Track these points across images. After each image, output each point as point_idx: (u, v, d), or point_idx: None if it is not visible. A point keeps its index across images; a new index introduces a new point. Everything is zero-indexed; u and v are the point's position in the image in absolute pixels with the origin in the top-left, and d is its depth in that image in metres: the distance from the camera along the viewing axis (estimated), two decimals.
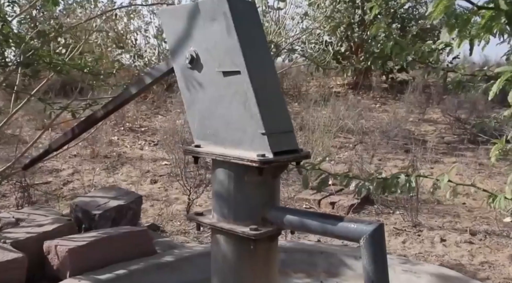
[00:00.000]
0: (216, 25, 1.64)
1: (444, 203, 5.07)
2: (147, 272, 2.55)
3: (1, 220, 2.94)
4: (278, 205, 1.69)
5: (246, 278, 1.67)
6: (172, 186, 5.48)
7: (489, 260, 3.75)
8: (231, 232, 1.62)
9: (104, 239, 2.60)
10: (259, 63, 1.65)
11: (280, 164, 1.61)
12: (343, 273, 2.78)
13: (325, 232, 1.53)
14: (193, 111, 1.79)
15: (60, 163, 6.20)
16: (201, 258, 2.71)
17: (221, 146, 1.68)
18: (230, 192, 1.64)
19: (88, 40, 6.84)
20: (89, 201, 3.24)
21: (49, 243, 2.55)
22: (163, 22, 1.89)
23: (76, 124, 2.36)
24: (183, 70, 1.78)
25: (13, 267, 2.37)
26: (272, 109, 1.62)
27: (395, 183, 1.57)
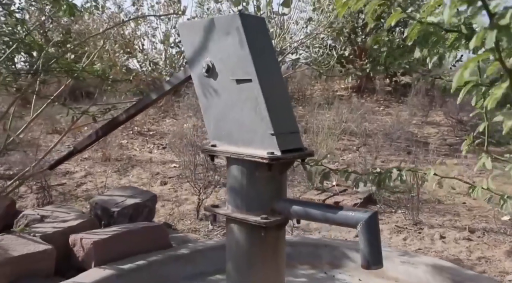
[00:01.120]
0: (230, 38, 1.88)
1: (445, 203, 5.28)
2: (164, 263, 2.79)
3: (27, 216, 3.19)
4: (285, 197, 1.93)
5: (257, 262, 1.90)
6: (182, 187, 5.72)
7: (486, 255, 3.96)
8: (244, 221, 1.86)
9: (125, 233, 2.84)
10: (268, 71, 1.88)
11: (287, 161, 1.85)
12: (345, 264, 3.01)
13: (327, 220, 1.76)
14: (209, 115, 2.02)
15: (72, 166, 6.46)
16: (213, 251, 2.95)
17: (235, 145, 1.91)
18: (243, 186, 1.88)
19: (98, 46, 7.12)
20: (107, 199, 3.49)
21: (74, 236, 2.80)
22: (182, 35, 2.13)
23: (100, 127, 2.61)
24: (200, 78, 2.02)
25: (43, 258, 2.61)
26: (280, 112, 1.86)
27: (388, 176, 1.81)
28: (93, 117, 3.18)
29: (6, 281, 2.43)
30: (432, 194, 5.38)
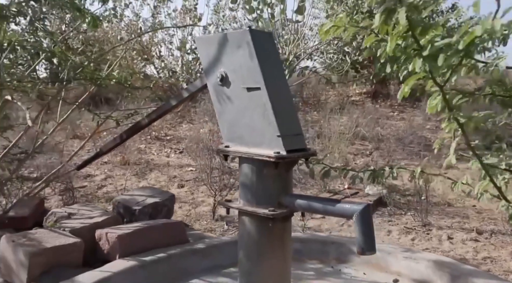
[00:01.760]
0: (241, 51, 2.15)
1: (454, 206, 5.47)
2: (182, 256, 3.07)
3: (56, 214, 3.50)
4: (291, 192, 2.18)
5: (266, 250, 2.16)
6: (198, 190, 6.01)
7: (492, 255, 4.14)
8: (254, 213, 2.12)
9: (146, 229, 3.13)
10: (275, 81, 2.15)
11: (292, 160, 2.11)
12: (351, 260, 3.25)
13: (326, 211, 2.01)
14: (223, 119, 2.30)
15: (93, 169, 6.80)
16: (228, 246, 3.21)
17: (246, 146, 2.18)
18: (253, 182, 2.14)
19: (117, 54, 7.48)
20: (129, 198, 3.78)
21: (100, 231, 3.09)
22: (199, 48, 2.41)
23: (124, 131, 2.90)
24: (215, 86, 2.30)
25: (73, 250, 2.91)
26: (286, 117, 2.12)
27: (381, 173, 2.05)
28: (116, 122, 3.48)
29: (41, 270, 2.73)
30: (442, 197, 5.56)
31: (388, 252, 3.21)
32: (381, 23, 1.29)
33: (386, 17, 1.27)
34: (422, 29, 1.30)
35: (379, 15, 1.30)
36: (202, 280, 2.94)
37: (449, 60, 1.22)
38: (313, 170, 2.17)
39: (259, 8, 8.30)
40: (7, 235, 2.93)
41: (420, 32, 1.32)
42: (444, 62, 1.21)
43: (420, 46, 1.17)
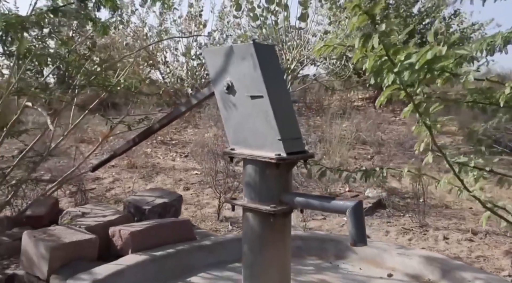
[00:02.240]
0: (246, 62, 2.40)
1: (452, 208, 5.69)
2: (190, 252, 3.30)
3: (71, 213, 3.75)
4: (290, 190, 2.42)
5: (268, 243, 2.40)
6: (203, 192, 6.25)
7: (485, 254, 4.36)
8: (257, 210, 2.36)
9: (156, 226, 3.37)
10: (276, 89, 2.39)
11: (291, 161, 2.34)
12: (348, 256, 3.48)
13: (323, 208, 2.25)
14: (229, 124, 2.54)
15: (101, 173, 7.05)
16: (232, 243, 3.45)
17: (249, 149, 2.42)
18: (256, 181, 2.38)
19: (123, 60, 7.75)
20: (139, 199, 4.03)
21: (113, 228, 3.34)
22: (206, 59, 2.66)
23: (137, 135, 3.14)
24: (221, 94, 2.54)
25: (88, 245, 3.15)
26: (286, 122, 2.36)
27: (372, 173, 2.28)
28: (128, 126, 3.73)
29: (60, 263, 2.97)
30: (439, 200, 5.78)
31: (384, 249, 3.44)
32: (360, 46, 1.53)
33: (363, 41, 1.51)
34: (395, 51, 1.53)
35: (358, 40, 1.54)
36: (208, 274, 3.18)
37: (412, 76, 1.45)
38: (311, 170, 2.41)
39: (263, 15, 8.57)
40: (28, 231, 3.18)
41: (393, 52, 1.55)
42: (409, 77, 1.44)
43: (393, 64, 1.41)
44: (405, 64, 1.46)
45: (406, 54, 1.46)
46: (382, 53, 1.50)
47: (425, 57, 1.44)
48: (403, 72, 1.45)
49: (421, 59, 1.44)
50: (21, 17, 3.42)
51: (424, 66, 1.44)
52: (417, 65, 1.44)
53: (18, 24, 3.25)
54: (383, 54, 1.50)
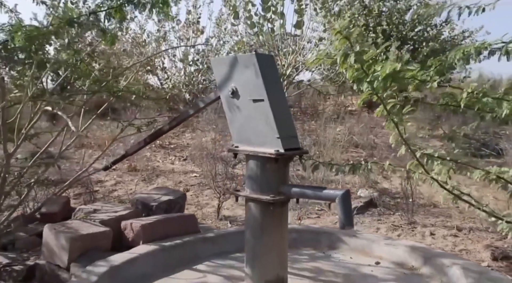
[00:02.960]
0: (249, 70, 2.78)
1: (439, 206, 6.09)
2: (195, 243, 3.68)
3: (83, 210, 4.11)
4: (288, 182, 2.80)
5: (267, 229, 2.77)
6: (203, 194, 6.62)
7: (468, 248, 4.75)
8: (258, 199, 2.74)
9: (164, 220, 3.75)
10: (275, 94, 2.78)
11: (288, 156, 2.73)
12: (340, 247, 3.86)
13: (316, 196, 2.63)
14: (233, 125, 2.93)
15: (103, 176, 7.41)
16: (234, 236, 3.82)
17: (251, 146, 2.81)
18: (257, 174, 2.77)
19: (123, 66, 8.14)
20: (146, 196, 4.41)
21: (125, 222, 3.71)
22: (213, 67, 3.05)
23: (148, 136, 3.52)
24: (227, 98, 2.93)
25: (103, 237, 3.52)
26: (284, 122, 2.74)
27: (359, 167, 2.66)
28: (138, 128, 4.11)
29: (79, 252, 3.33)
30: (428, 199, 6.18)
31: (372, 240, 3.83)
32: (341, 62, 1.92)
33: (343, 58, 1.90)
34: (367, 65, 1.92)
35: (339, 57, 1.93)
36: (212, 263, 3.55)
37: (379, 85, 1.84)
38: (305, 164, 2.80)
39: (259, 23, 8.99)
40: (49, 224, 3.54)
41: (367, 66, 1.94)
42: (377, 85, 1.83)
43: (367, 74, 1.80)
44: (375, 75, 1.84)
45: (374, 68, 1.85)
46: (358, 66, 1.89)
47: (385, 71, 1.83)
48: (374, 82, 1.84)
49: (382, 72, 1.83)
50: (41, 29, 3.80)
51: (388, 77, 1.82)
52: (380, 77, 1.83)
53: (40, 36, 3.63)
54: (359, 67, 1.89)
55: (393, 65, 1.86)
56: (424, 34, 11.03)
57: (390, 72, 1.83)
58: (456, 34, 11.34)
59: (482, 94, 2.11)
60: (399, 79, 1.89)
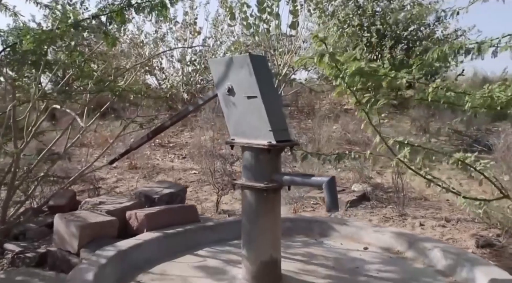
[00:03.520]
0: (243, 70, 3.11)
1: (430, 200, 6.42)
2: (195, 231, 4.00)
3: (89, 202, 4.44)
4: (280, 171, 3.13)
5: (262, 213, 3.10)
6: (202, 190, 6.95)
7: (455, 237, 5.07)
8: (253, 187, 3.07)
9: (167, 210, 4.08)
10: (267, 91, 3.10)
11: (280, 147, 3.06)
12: (331, 234, 4.19)
13: (304, 183, 2.96)
14: (230, 120, 3.25)
15: (104, 174, 7.73)
16: (232, 224, 4.15)
17: (247, 138, 3.13)
18: (252, 164, 3.09)
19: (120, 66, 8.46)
20: (148, 189, 4.74)
21: (130, 212, 4.04)
22: (211, 67, 3.37)
23: (150, 131, 3.84)
24: (223, 95, 3.25)
25: (110, 226, 3.84)
26: (275, 117, 3.07)
27: (343, 156, 2.99)
28: (140, 125, 4.44)
29: (88, 239, 3.65)
30: (419, 192, 6.52)
31: (361, 228, 4.16)
32: (317, 62, 2.25)
33: (320, 58, 2.23)
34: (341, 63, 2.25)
35: (316, 57, 2.25)
36: (212, 249, 3.87)
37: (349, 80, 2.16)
38: (295, 154, 3.13)
39: (255, 24, 9.32)
40: (59, 214, 3.87)
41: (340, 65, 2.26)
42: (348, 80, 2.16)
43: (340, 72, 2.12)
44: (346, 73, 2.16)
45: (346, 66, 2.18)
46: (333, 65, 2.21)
47: (351, 70, 2.15)
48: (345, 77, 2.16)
49: (349, 70, 2.15)
50: (49, 33, 4.12)
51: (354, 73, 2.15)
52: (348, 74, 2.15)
53: (48, 39, 3.95)
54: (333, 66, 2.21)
55: (357, 63, 2.19)
56: (417, 33, 11.37)
57: (356, 70, 2.15)
58: (449, 33, 11.68)
59: (446, 89, 2.44)
60: (367, 75, 2.21)
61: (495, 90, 2.53)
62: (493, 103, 2.54)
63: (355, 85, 2.26)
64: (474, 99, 2.50)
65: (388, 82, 2.40)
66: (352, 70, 2.17)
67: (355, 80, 2.20)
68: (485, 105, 2.54)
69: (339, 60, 2.24)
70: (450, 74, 12.74)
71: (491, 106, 2.58)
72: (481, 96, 2.47)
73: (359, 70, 2.17)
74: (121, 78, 5.62)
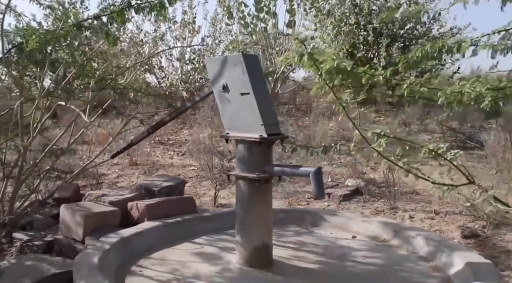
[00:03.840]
0: (237, 68, 3.38)
1: (421, 194, 6.69)
2: (193, 221, 4.28)
3: (92, 194, 4.71)
4: (271, 163, 3.40)
5: (254, 202, 3.37)
6: (201, 185, 7.22)
7: (442, 229, 5.34)
8: (246, 177, 3.34)
9: (166, 201, 4.35)
10: (259, 88, 3.37)
11: (271, 140, 3.33)
12: (322, 224, 4.46)
13: (293, 173, 3.23)
14: (225, 115, 3.52)
15: (105, 170, 8.01)
16: (228, 215, 4.41)
17: (240, 132, 3.40)
18: (245, 156, 3.36)
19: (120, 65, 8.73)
20: (149, 183, 5.01)
21: (131, 203, 4.31)
22: (207, 65, 3.64)
23: (150, 127, 4.11)
24: (219, 92, 3.52)
25: (113, 215, 4.12)
26: (267, 112, 3.34)
27: (329, 148, 3.25)
28: (141, 121, 4.71)
29: (92, 228, 3.93)
30: (410, 187, 6.79)
31: (350, 218, 4.44)
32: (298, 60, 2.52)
33: (300, 58, 2.50)
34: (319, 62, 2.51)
35: (297, 57, 2.52)
36: (209, 237, 4.14)
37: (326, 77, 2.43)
38: (285, 147, 3.40)
39: (253, 23, 9.59)
40: (65, 204, 4.14)
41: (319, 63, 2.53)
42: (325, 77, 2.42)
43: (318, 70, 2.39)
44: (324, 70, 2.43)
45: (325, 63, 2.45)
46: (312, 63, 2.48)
47: (325, 68, 2.42)
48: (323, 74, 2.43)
49: (324, 68, 2.42)
50: (54, 33, 4.39)
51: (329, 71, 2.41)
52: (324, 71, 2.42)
53: (53, 39, 4.22)
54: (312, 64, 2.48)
55: (332, 62, 2.45)
56: (413, 32, 11.63)
57: (330, 67, 2.42)
58: (445, 31, 11.94)
59: (420, 86, 2.71)
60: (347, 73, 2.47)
61: (465, 87, 2.80)
62: (463, 99, 2.81)
63: (333, 81, 2.53)
64: (446, 94, 2.77)
65: (367, 79, 2.67)
66: (326, 68, 2.44)
67: (332, 77, 2.46)
68: (456, 100, 2.80)
69: (317, 59, 2.51)
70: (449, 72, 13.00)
71: (462, 102, 2.85)
72: (451, 92, 2.73)
73: (336, 68, 2.43)
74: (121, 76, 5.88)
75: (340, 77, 2.50)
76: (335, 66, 2.44)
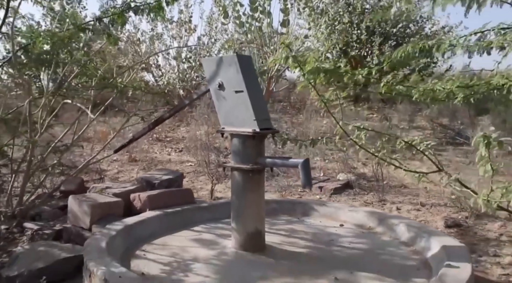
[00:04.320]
0: (231, 68, 3.71)
1: (409, 188, 7.05)
2: (191, 211, 4.62)
3: (96, 187, 5.04)
4: (263, 155, 3.74)
5: (247, 191, 3.71)
6: (198, 180, 7.56)
7: (427, 219, 5.69)
8: (240, 168, 3.68)
9: (166, 192, 4.69)
10: (252, 86, 3.71)
11: (263, 134, 3.66)
12: (312, 214, 4.81)
13: (283, 164, 3.58)
14: (221, 111, 3.86)
15: (105, 166, 8.33)
16: (224, 206, 4.76)
17: (235, 127, 3.74)
18: (239, 149, 3.70)
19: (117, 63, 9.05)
20: (149, 176, 5.35)
21: (134, 194, 4.65)
22: (204, 65, 3.98)
23: (151, 123, 4.44)
24: (215, 90, 3.86)
25: (117, 206, 4.45)
26: (259, 108, 3.67)
27: (317, 141, 3.60)
28: (141, 118, 5.04)
29: (98, 217, 4.26)
30: (399, 181, 7.15)
31: (338, 208, 4.78)
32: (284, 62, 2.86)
33: (285, 60, 2.84)
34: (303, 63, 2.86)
35: (284, 59, 2.86)
36: (207, 225, 4.48)
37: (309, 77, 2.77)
38: (276, 140, 3.74)
39: (248, 22, 9.93)
40: (72, 195, 4.48)
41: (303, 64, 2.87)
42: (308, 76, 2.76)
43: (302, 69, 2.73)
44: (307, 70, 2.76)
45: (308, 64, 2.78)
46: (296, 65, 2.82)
47: (310, 65, 2.75)
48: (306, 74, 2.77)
49: (307, 67, 2.75)
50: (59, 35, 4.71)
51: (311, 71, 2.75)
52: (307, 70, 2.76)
53: (61, 41, 4.55)
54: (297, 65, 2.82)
55: (312, 64, 2.79)
56: (406, 30, 11.99)
57: (312, 68, 2.76)
58: (437, 29, 12.31)
59: (396, 83, 3.05)
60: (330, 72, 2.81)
61: (437, 85, 3.14)
62: (435, 96, 3.16)
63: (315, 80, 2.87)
64: (419, 92, 3.11)
65: (349, 78, 3.01)
66: (308, 69, 2.78)
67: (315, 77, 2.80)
68: (429, 97, 3.15)
69: (301, 61, 2.85)
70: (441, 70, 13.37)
71: (434, 98, 3.20)
72: (424, 90, 3.08)
73: (317, 68, 2.77)
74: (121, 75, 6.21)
75: (323, 77, 2.83)
76: (316, 67, 2.77)
